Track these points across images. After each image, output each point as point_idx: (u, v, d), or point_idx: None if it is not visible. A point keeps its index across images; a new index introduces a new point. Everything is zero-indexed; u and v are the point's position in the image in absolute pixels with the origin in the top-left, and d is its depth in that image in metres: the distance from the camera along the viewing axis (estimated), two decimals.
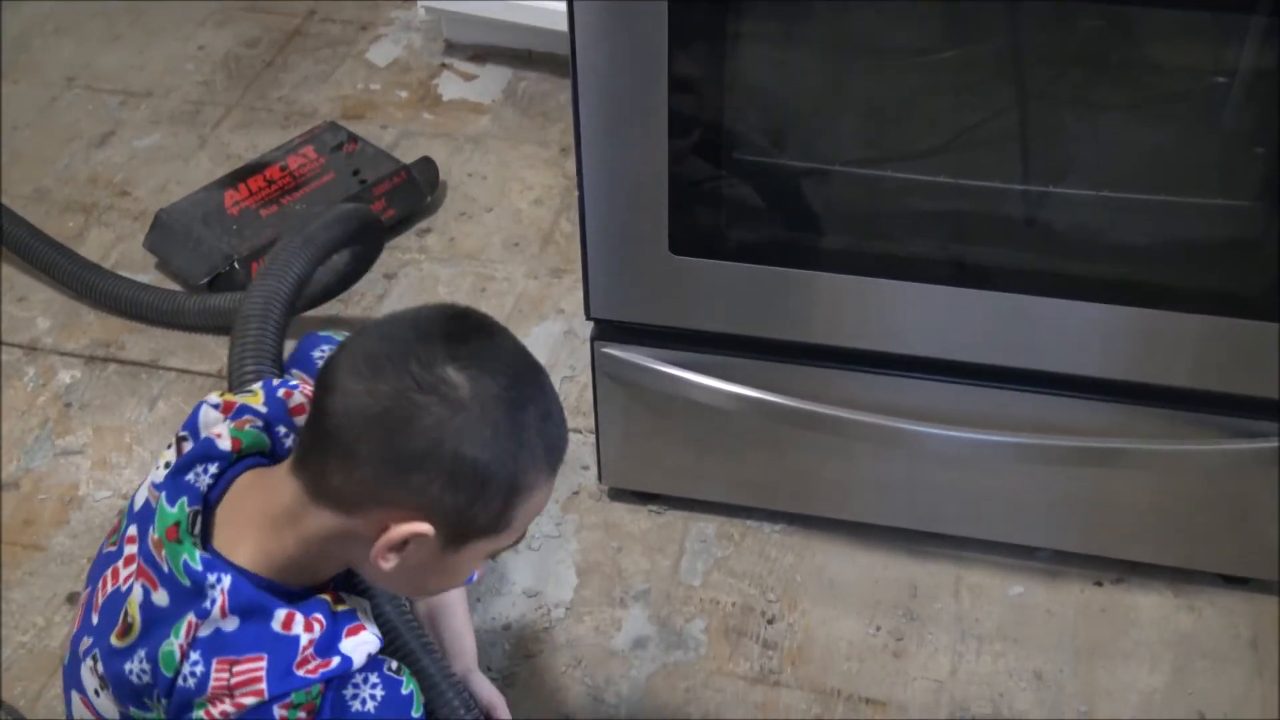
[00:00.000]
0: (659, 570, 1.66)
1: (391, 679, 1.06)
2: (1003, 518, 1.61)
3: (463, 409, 0.93)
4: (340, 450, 0.94)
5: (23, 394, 1.93)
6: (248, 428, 1.07)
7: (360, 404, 0.93)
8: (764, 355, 1.50)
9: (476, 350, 0.96)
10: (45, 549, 1.71)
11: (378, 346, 0.96)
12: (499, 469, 0.95)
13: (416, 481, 0.93)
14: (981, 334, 1.43)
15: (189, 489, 1.02)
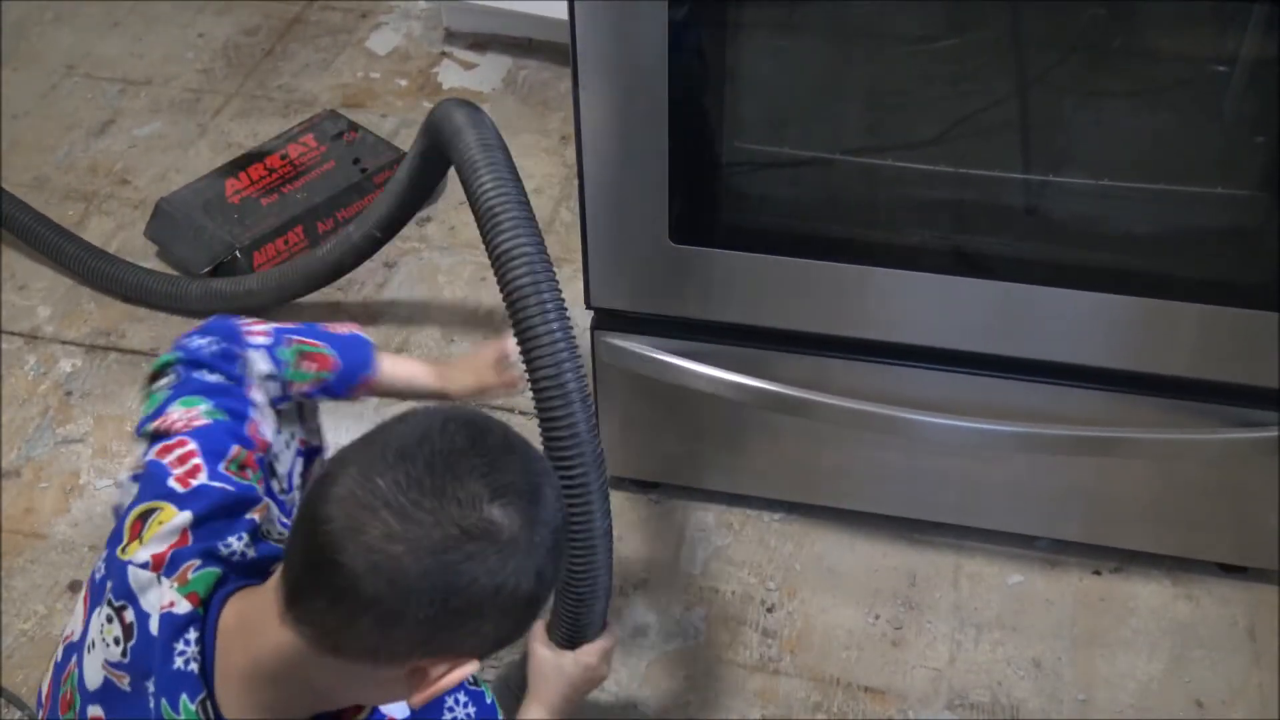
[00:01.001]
0: (659, 559, 1.67)
1: (475, 692, 1.07)
2: (1002, 507, 1.62)
3: (514, 550, 0.84)
4: (376, 614, 0.83)
5: (24, 382, 1.93)
6: (192, 576, 0.96)
7: (401, 565, 0.81)
8: (764, 344, 1.50)
9: (506, 477, 0.85)
10: (46, 537, 1.71)
11: (400, 491, 0.82)
12: (544, 587, 0.88)
13: (469, 629, 0.86)
14: (981, 323, 1.43)
15: (183, 679, 0.93)
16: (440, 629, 0.84)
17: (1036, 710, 1.50)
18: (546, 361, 1.18)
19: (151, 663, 0.93)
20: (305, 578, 0.86)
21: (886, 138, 1.45)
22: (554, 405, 1.18)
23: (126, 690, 0.95)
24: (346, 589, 0.82)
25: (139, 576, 0.96)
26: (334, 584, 0.83)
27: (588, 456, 1.19)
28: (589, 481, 1.19)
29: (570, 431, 1.18)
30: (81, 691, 0.98)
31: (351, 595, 0.82)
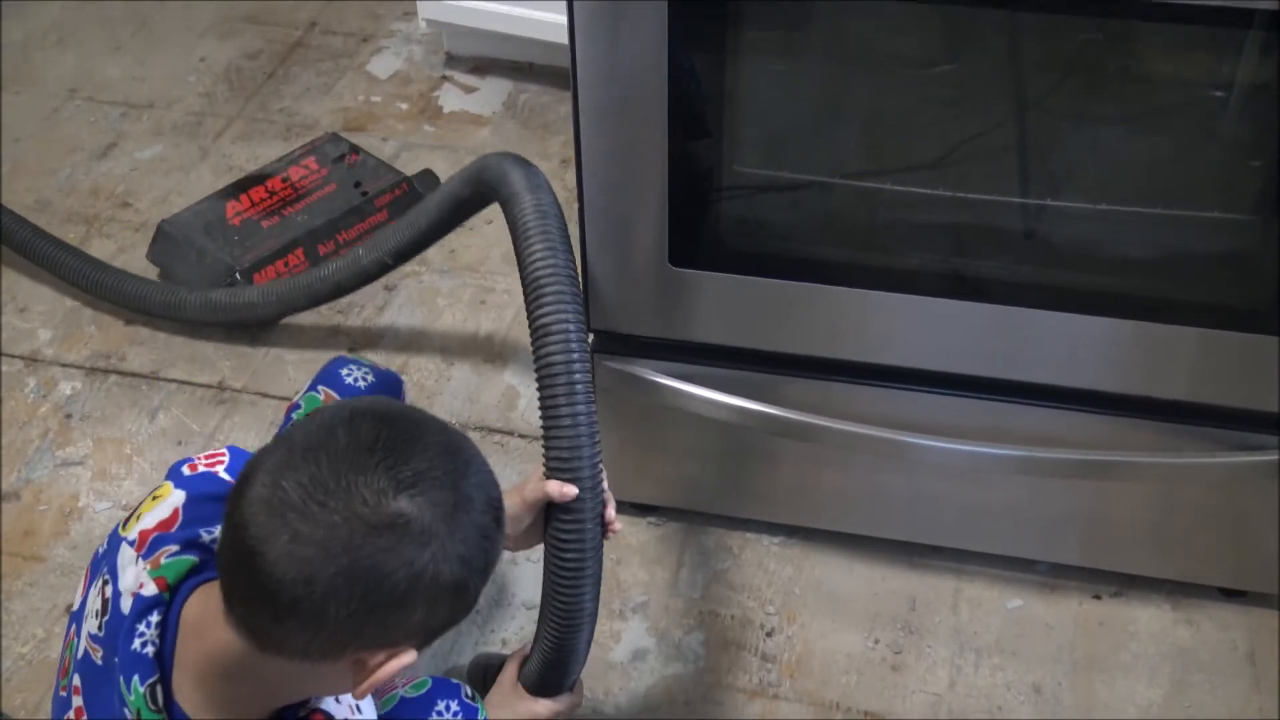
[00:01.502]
0: (658, 582, 1.66)
1: (470, 706, 1.10)
2: (1002, 530, 1.62)
3: (430, 538, 0.85)
4: (299, 615, 0.84)
5: (24, 405, 1.93)
6: (164, 560, 0.98)
7: (313, 567, 0.82)
8: (763, 368, 1.50)
9: (415, 467, 0.85)
10: (45, 560, 1.71)
11: (306, 490, 0.83)
12: (473, 572, 0.89)
13: (396, 620, 0.86)
14: (981, 347, 1.43)
15: (137, 660, 0.94)
16: (366, 623, 0.85)
17: None
18: (564, 444, 1.20)
19: (118, 642, 0.94)
20: (233, 582, 0.87)
21: (885, 162, 1.45)
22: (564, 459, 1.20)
23: (100, 665, 0.97)
24: (268, 593, 0.83)
25: (125, 554, 0.98)
26: (257, 588, 0.84)
27: (588, 551, 1.21)
28: (585, 567, 1.21)
29: (577, 530, 1.20)
30: (74, 659, 1.00)
31: (273, 599, 0.83)
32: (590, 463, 1.19)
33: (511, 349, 1.98)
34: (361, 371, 1.28)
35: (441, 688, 1.11)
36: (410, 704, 1.10)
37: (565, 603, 1.23)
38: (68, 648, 1.04)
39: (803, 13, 1.33)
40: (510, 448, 1.82)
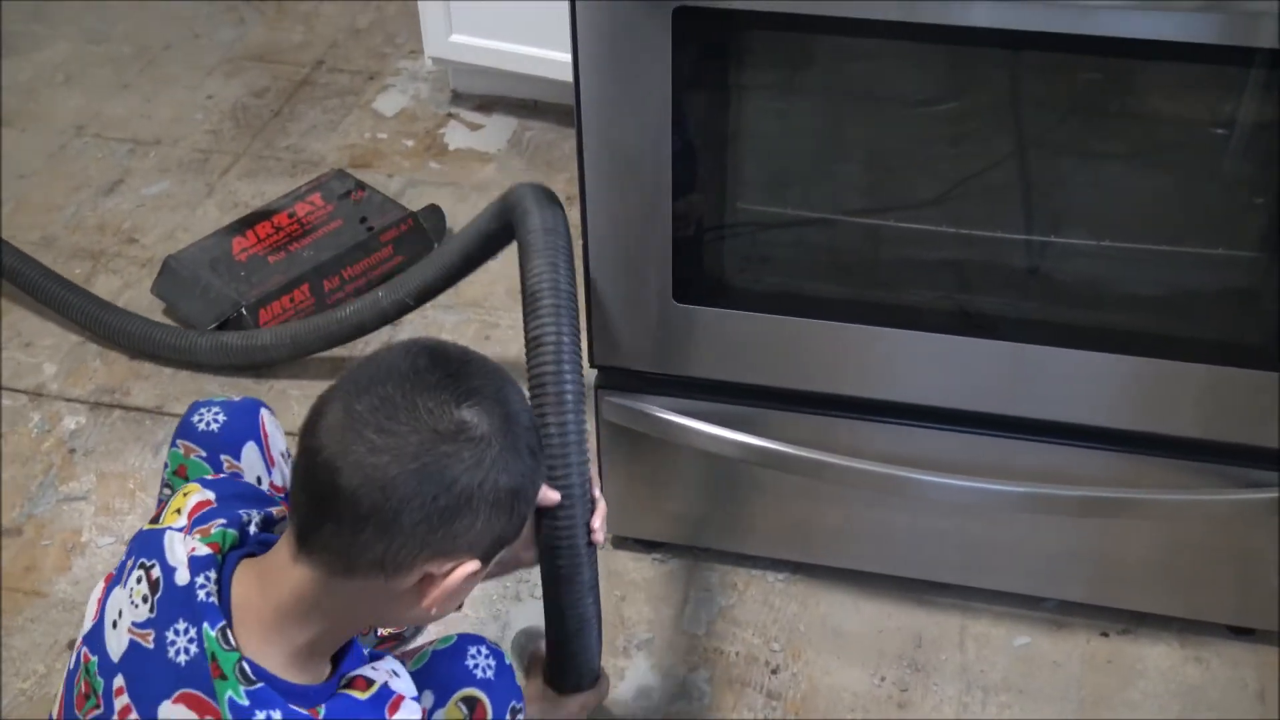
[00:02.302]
0: (662, 619, 1.66)
1: (496, 650, 1.18)
2: (1008, 567, 1.61)
3: (488, 444, 0.95)
4: (376, 523, 0.93)
5: (27, 440, 1.93)
6: (214, 530, 1.05)
7: (388, 473, 0.92)
8: (768, 403, 1.50)
9: (470, 383, 0.97)
10: (47, 595, 1.71)
11: (377, 410, 0.93)
12: (524, 483, 0.99)
13: (463, 525, 0.95)
14: (985, 383, 1.43)
15: (204, 608, 0.99)
16: (435, 529, 0.93)
17: None
18: (554, 452, 1.22)
19: (177, 608, 0.99)
20: (309, 509, 0.95)
21: (888, 199, 1.46)
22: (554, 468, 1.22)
23: (150, 648, 1.00)
24: (346, 507, 0.92)
25: (171, 537, 1.04)
26: (335, 506, 0.92)
27: (580, 555, 1.24)
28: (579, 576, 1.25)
29: (568, 534, 1.23)
30: (103, 672, 1.03)
31: (351, 512, 0.92)
32: (579, 470, 1.22)
33: None
34: (212, 413, 1.31)
35: (468, 637, 1.18)
36: (442, 655, 1.15)
37: (565, 608, 1.27)
38: (80, 677, 1.06)
39: (805, 53, 1.34)
40: None
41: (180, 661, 0.98)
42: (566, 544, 1.23)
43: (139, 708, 0.99)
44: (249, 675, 0.97)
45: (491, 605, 1.66)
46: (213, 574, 1.01)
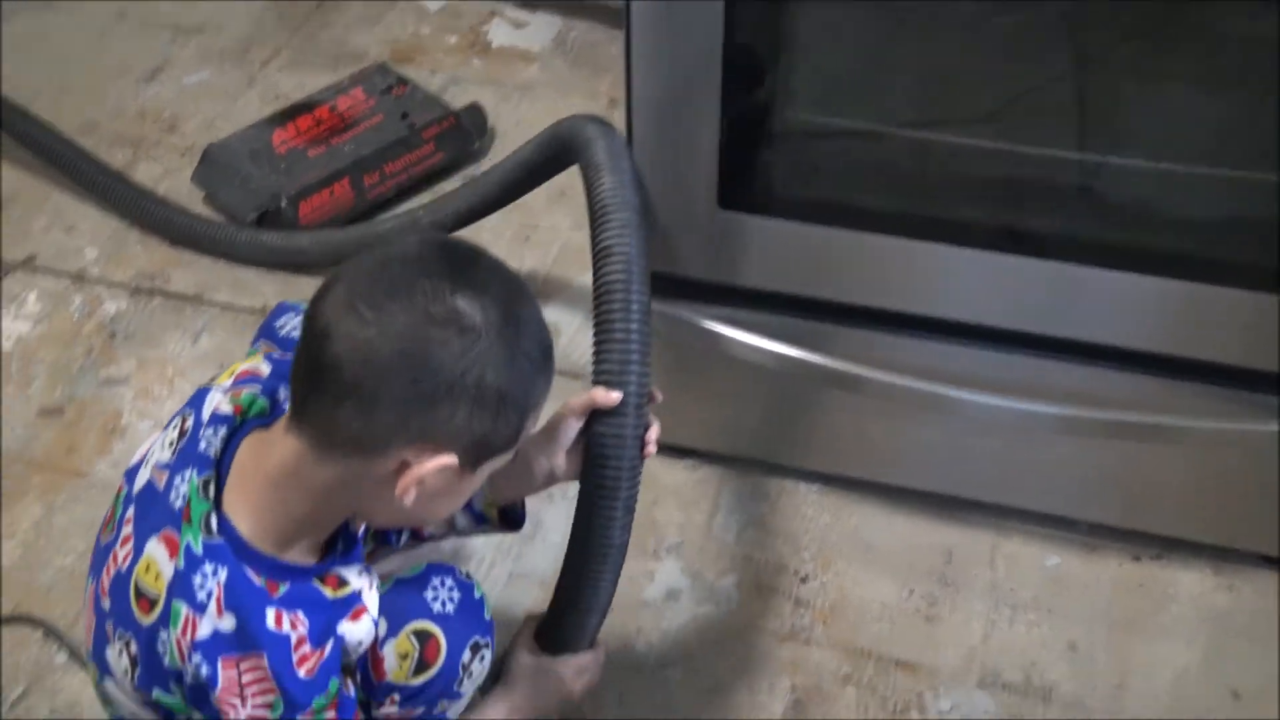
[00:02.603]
0: (693, 524, 1.66)
1: (465, 583, 1.13)
2: (1043, 488, 1.61)
3: (479, 337, 0.93)
4: (356, 397, 0.92)
5: (69, 322, 1.94)
6: (244, 393, 1.07)
7: (373, 346, 0.92)
8: (809, 315, 1.49)
9: (474, 278, 0.96)
10: (88, 476, 1.73)
11: (375, 285, 0.93)
12: (516, 389, 0.97)
13: (442, 414, 0.94)
14: (1030, 302, 1.42)
15: (199, 458, 1.02)
16: (415, 411, 0.93)
17: (1070, 693, 1.49)
18: (615, 358, 1.19)
19: (189, 457, 1.02)
20: (302, 378, 0.96)
21: (941, 112, 1.43)
22: (614, 373, 1.19)
23: (160, 489, 1.03)
24: (331, 378, 0.92)
25: (213, 393, 1.07)
26: (321, 375, 0.93)
27: (625, 468, 1.19)
28: (619, 492, 1.20)
29: (616, 442, 1.18)
30: (124, 502, 1.07)
31: (335, 384, 0.92)
32: (639, 381, 1.18)
33: (555, 286, 1.97)
34: (298, 318, 1.29)
35: (437, 567, 1.14)
36: (405, 583, 1.12)
37: (596, 524, 1.21)
38: (114, 500, 1.10)
39: None
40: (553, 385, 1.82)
41: (176, 505, 1.01)
42: (614, 451, 1.18)
43: (135, 539, 1.03)
44: (211, 528, 0.99)
45: None
46: (223, 430, 1.03)
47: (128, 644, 1.03)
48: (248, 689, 0.98)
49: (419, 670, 1.09)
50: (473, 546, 1.63)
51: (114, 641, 1.04)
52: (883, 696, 1.49)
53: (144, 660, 1.02)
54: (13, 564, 1.62)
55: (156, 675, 1.02)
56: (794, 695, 1.49)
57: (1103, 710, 1.47)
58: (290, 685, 0.99)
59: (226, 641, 0.98)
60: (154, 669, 1.01)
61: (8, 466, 1.74)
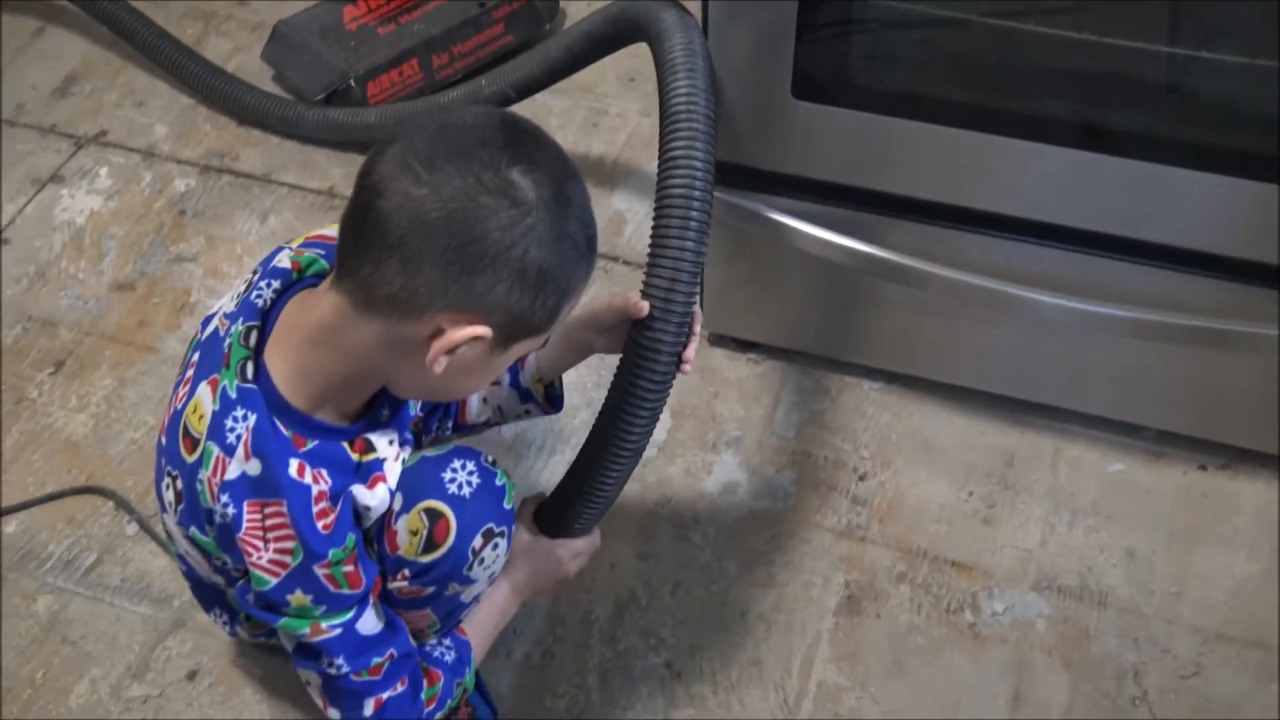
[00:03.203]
0: (753, 419, 1.66)
1: (487, 470, 1.13)
2: (1110, 393, 1.58)
3: (529, 211, 0.93)
4: (400, 255, 0.93)
5: (140, 198, 1.96)
6: (307, 253, 1.08)
7: (423, 208, 0.92)
8: (880, 210, 1.46)
9: (531, 154, 0.95)
10: (158, 351, 1.76)
11: (434, 149, 0.93)
12: (558, 270, 0.96)
13: (482, 284, 0.94)
14: (1107, 202, 1.38)
15: (248, 307, 1.05)
16: (455, 276, 0.93)
17: (1125, 599, 1.48)
18: (665, 274, 1.17)
19: (246, 307, 1.05)
20: (349, 232, 0.96)
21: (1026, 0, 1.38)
22: (660, 288, 1.17)
23: (220, 335, 1.06)
24: (376, 231, 0.92)
25: (283, 253, 1.09)
26: (367, 229, 0.93)
27: (656, 381, 1.18)
28: (645, 401, 1.18)
29: (652, 355, 1.17)
30: (195, 345, 1.11)
31: (381, 237, 0.92)
32: (685, 297, 1.17)
33: (623, 173, 1.95)
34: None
35: (461, 450, 1.14)
36: (427, 461, 1.12)
37: (618, 425, 1.20)
38: (189, 345, 1.14)
39: None
40: (614, 273, 1.82)
41: (225, 350, 1.04)
42: (649, 363, 1.17)
43: (193, 382, 1.07)
44: (247, 374, 1.02)
45: (584, 390, 1.68)
46: (276, 284, 1.06)
47: (174, 480, 1.07)
48: (270, 533, 1.01)
49: (427, 549, 1.10)
50: (532, 434, 1.64)
51: (164, 477, 1.09)
52: (936, 595, 1.49)
53: (186, 498, 1.06)
54: (85, 436, 1.66)
55: (194, 514, 1.05)
56: (848, 591, 1.50)
57: (1158, 617, 1.46)
58: (308, 535, 1.01)
59: (251, 485, 1.01)
60: (193, 507, 1.05)
61: (81, 339, 1.77)
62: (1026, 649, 1.45)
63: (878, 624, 1.47)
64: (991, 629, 1.46)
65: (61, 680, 1.44)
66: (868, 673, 1.43)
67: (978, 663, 1.44)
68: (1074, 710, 1.40)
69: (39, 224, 1.93)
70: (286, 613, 1.05)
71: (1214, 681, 1.42)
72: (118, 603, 1.51)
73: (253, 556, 1.02)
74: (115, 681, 1.44)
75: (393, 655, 1.11)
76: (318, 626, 1.06)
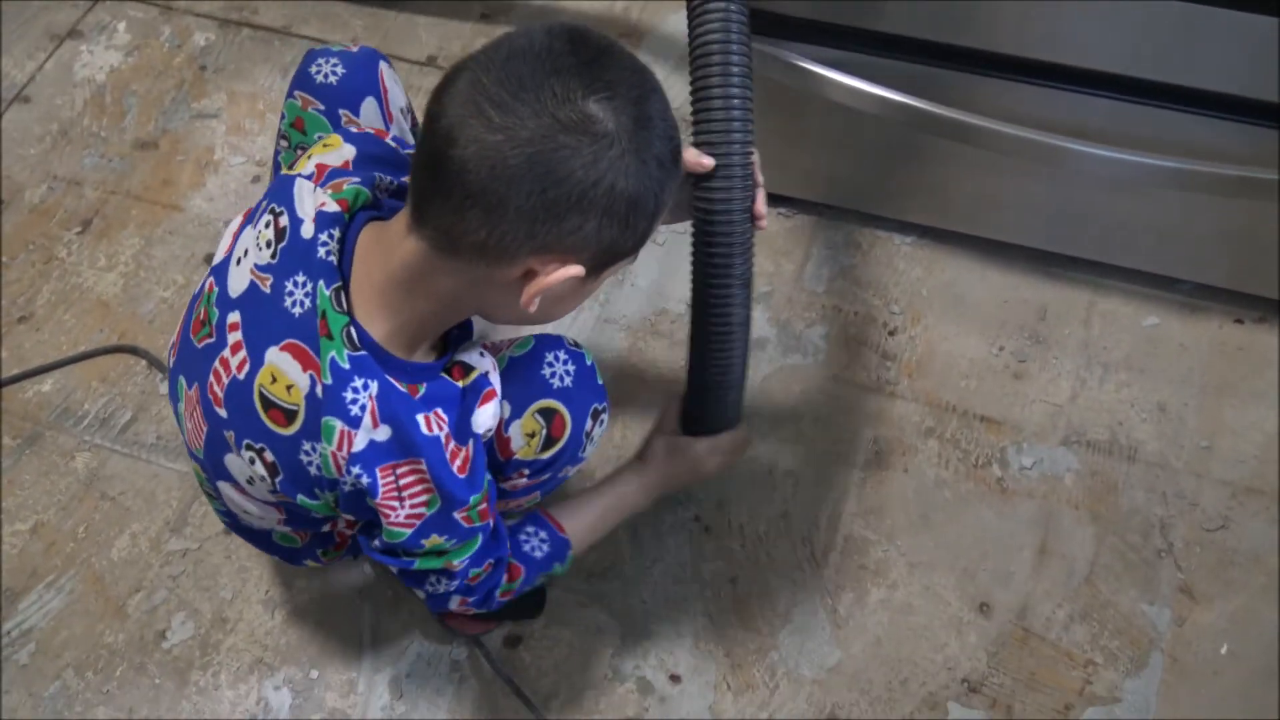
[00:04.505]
0: (783, 273, 1.65)
1: (576, 353, 1.13)
2: (1147, 246, 1.55)
3: (611, 143, 0.88)
4: (483, 204, 0.89)
5: (159, 54, 1.93)
6: (346, 186, 1.03)
7: (500, 153, 0.87)
8: (914, 59, 1.42)
9: (607, 77, 0.89)
10: (184, 210, 1.75)
11: (503, 85, 0.88)
12: (647, 195, 0.92)
13: (571, 224, 0.90)
14: (1148, 46, 1.33)
15: (322, 266, 0.99)
16: (542, 221, 0.89)
17: (1154, 453, 1.48)
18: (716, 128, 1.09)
19: (298, 261, 1.00)
20: (424, 178, 0.92)
21: None
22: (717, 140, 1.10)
23: (268, 293, 1.02)
24: (455, 181, 0.88)
25: (301, 186, 1.04)
26: (445, 178, 0.89)
27: (736, 244, 1.13)
28: (733, 269, 1.14)
29: (725, 218, 1.11)
30: (220, 304, 1.06)
31: (460, 187, 0.88)
32: (741, 147, 1.10)
33: (647, 28, 1.90)
34: (330, 64, 1.24)
35: (546, 341, 1.13)
36: (519, 362, 1.11)
37: (714, 305, 1.16)
38: (201, 301, 1.09)
39: None
40: None
41: (295, 313, 0.99)
42: (724, 228, 1.12)
43: (249, 347, 1.02)
44: (354, 341, 0.98)
45: None
46: (336, 232, 1.01)
47: (260, 453, 1.03)
48: (405, 491, 1.00)
49: (547, 446, 1.10)
50: None
51: (239, 450, 1.05)
52: (964, 450, 1.49)
53: (287, 468, 1.03)
54: (115, 295, 1.67)
55: (301, 483, 1.03)
56: (876, 446, 1.50)
57: (1187, 471, 1.46)
58: (450, 485, 1.01)
59: (384, 450, 0.99)
60: (298, 478, 1.03)
61: (106, 198, 1.77)
62: (1054, 503, 1.45)
63: (905, 479, 1.48)
64: (1019, 483, 1.47)
65: (103, 534, 1.48)
66: (894, 526, 1.45)
67: (1004, 516, 1.45)
68: (1099, 562, 1.41)
69: (59, 81, 1.90)
70: (419, 554, 1.06)
71: (1240, 535, 1.42)
72: (154, 460, 1.53)
73: (390, 517, 1.01)
74: (155, 535, 1.47)
75: (491, 565, 1.12)
76: (450, 564, 1.07)
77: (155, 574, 1.45)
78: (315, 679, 1.38)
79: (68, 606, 1.43)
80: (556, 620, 1.40)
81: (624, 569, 1.43)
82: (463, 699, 1.36)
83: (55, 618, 1.42)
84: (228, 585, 1.44)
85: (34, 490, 1.51)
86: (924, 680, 1.35)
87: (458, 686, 1.37)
